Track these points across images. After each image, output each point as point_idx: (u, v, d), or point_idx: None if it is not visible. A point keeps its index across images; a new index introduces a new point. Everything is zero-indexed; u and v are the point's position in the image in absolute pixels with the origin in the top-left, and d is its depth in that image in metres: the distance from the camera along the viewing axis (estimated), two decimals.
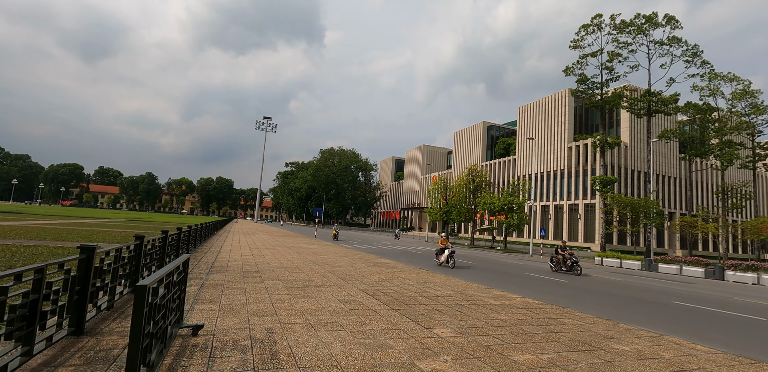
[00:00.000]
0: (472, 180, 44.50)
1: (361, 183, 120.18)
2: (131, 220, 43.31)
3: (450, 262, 16.35)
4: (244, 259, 12.50)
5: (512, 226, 36.81)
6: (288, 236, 31.86)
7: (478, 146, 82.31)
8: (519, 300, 8.41)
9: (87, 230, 20.79)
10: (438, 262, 17.13)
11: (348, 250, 20.28)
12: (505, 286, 11.29)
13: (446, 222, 49.75)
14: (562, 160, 61.40)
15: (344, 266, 12.54)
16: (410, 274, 11.80)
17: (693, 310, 9.79)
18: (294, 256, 14.64)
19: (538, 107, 67.20)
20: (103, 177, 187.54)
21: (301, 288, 7.80)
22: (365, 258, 16.46)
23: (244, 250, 15.68)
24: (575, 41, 39.09)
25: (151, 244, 7.26)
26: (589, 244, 54.64)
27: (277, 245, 20.30)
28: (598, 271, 22.15)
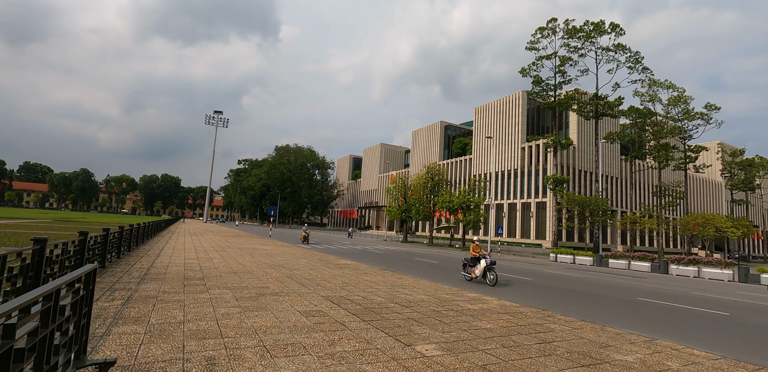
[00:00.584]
0: (431, 178, 44.51)
1: (317, 181, 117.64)
2: (59, 220, 38.84)
3: (489, 278, 11.64)
4: (187, 263, 11.01)
5: (470, 223, 37.11)
6: (240, 237, 29.87)
7: (436, 145, 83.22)
8: (496, 303, 7.82)
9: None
10: (469, 276, 12.42)
11: (306, 251, 19.06)
12: (476, 288, 10.75)
13: (405, 221, 49.48)
14: (516, 159, 63.39)
15: (303, 269, 11.42)
16: (375, 276, 10.94)
17: (660, 307, 9.76)
18: (246, 259, 13.26)
19: (494, 108, 68.97)
20: (30, 173, 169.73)
21: (253, 297, 6.66)
22: (325, 259, 15.39)
23: (189, 253, 14.03)
24: (531, 43, 40.20)
25: (62, 249, 5.80)
26: (540, 241, 56.81)
27: (228, 247, 18.63)
28: (553, 267, 22.57)
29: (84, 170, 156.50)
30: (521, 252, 35.98)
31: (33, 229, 21.52)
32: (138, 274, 8.45)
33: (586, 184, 60.54)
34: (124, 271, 8.76)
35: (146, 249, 14.60)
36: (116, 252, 10.75)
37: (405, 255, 23.71)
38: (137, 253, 12.97)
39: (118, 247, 10.82)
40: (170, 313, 5.18)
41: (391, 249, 29.21)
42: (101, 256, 8.73)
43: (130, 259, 11.10)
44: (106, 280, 7.36)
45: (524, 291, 11.12)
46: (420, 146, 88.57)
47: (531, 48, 40.70)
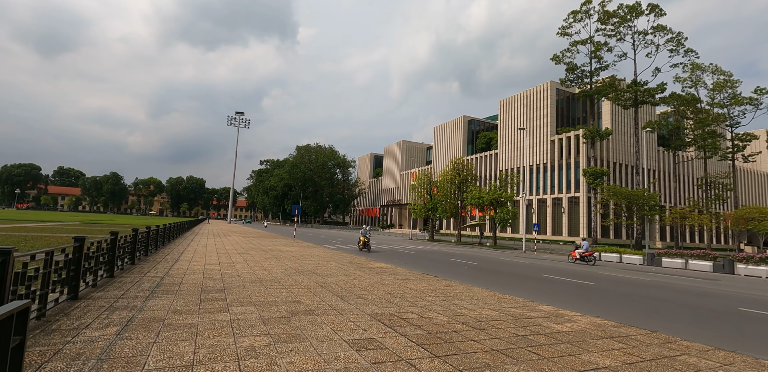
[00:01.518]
0: (458, 174, 42.63)
1: (339, 180, 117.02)
2: (86, 223, 39.07)
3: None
4: (207, 269, 9.80)
5: (503, 221, 35.14)
6: (264, 237, 28.94)
7: (459, 141, 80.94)
8: (584, 321, 6.19)
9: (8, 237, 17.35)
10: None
11: (333, 253, 17.76)
12: (542, 297, 9.12)
13: (431, 219, 47.77)
14: (545, 153, 60.64)
15: (336, 275, 10.04)
16: (420, 283, 9.44)
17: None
18: (272, 264, 12.00)
19: (520, 100, 66.23)
20: (64, 178, 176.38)
21: (285, 318, 5.28)
22: (356, 262, 14.00)
23: (210, 257, 12.90)
24: (563, 28, 37.72)
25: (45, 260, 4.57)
26: (573, 238, 54.06)
27: (251, 249, 17.52)
28: (603, 267, 20.50)
29: (114, 174, 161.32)
30: (558, 250, 33.77)
31: (48, 232, 21.05)
32: (149, 285, 7.24)
33: (623, 177, 57.33)
34: (135, 280, 7.57)
35: (165, 253, 13.57)
36: (129, 257, 9.65)
37: (438, 255, 22.12)
38: (155, 257, 11.90)
39: (132, 252, 9.72)
40: (177, 348, 3.83)
41: (420, 248, 27.66)
42: (108, 264, 7.56)
43: (145, 265, 9.98)
44: (109, 295, 6.14)
45: (599, 300, 9.39)
46: (442, 142, 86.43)
47: (563, 33, 38.22)
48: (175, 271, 9.21)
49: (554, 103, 61.06)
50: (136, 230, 9.83)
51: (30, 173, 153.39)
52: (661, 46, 37.11)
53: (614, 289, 11.53)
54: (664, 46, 37.63)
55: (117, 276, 7.94)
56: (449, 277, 11.73)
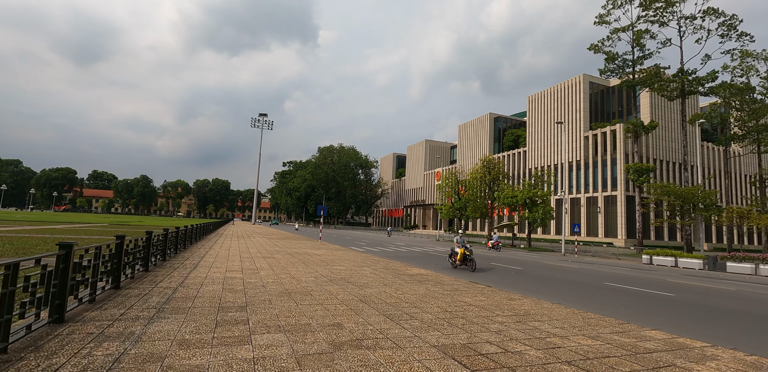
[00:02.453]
0: (488, 172, 40.64)
1: (361, 181, 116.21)
2: (114, 224, 39.27)
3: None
4: (228, 278, 8.58)
5: (537, 221, 33.02)
6: (288, 239, 27.95)
7: (485, 139, 78.48)
8: (729, 358, 4.54)
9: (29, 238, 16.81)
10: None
11: (364, 256, 16.40)
12: (631, 314, 7.44)
13: (459, 219, 45.88)
14: (578, 150, 57.66)
15: (374, 285, 8.64)
16: (475, 295, 7.92)
17: None
18: (300, 270, 10.72)
19: (550, 95, 63.39)
20: (98, 181, 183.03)
21: (326, 356, 3.88)
22: (392, 267, 12.58)
23: (233, 262, 11.76)
24: (601, 16, 35.19)
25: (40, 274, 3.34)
26: (611, 239, 51.05)
27: (276, 252, 16.38)
28: (663, 273, 18.29)
29: (144, 177, 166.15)
30: (600, 252, 31.36)
31: (74, 234, 20.60)
32: (159, 299, 6.02)
33: (665, 174, 53.85)
34: (143, 293, 6.38)
35: (185, 256, 12.53)
36: (143, 263, 8.55)
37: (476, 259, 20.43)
38: (172, 262, 10.83)
39: (145, 258, 8.62)
40: None
41: None
42: (112, 274, 6.40)
43: (159, 272, 8.86)
44: (105, 315, 4.93)
45: (706, 320, 7.61)
46: (467, 140, 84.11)
47: (601, 21, 35.66)
48: (191, 280, 8.02)
49: (587, 97, 57.99)
50: (150, 233, 8.72)
51: (66, 177, 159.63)
52: (712, 31, 34.08)
53: (706, 304, 9.63)
54: (715, 31, 34.56)
55: (124, 287, 6.79)
56: (502, 286, 10.15)
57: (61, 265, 4.39)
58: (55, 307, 4.36)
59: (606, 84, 60.11)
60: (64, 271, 4.41)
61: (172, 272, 8.85)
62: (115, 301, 5.69)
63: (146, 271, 8.68)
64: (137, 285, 7.05)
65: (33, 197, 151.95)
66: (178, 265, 10.34)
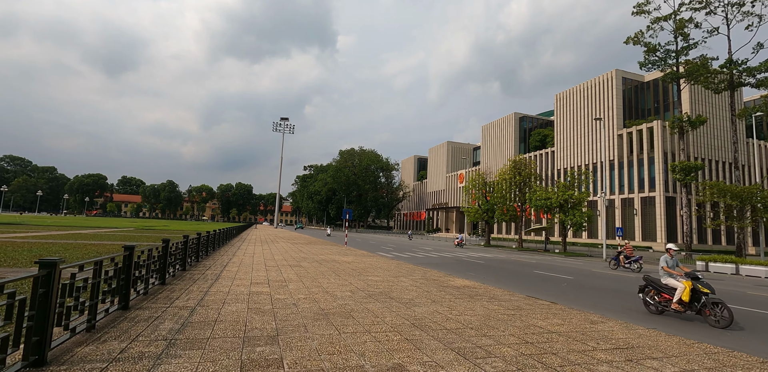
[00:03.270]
0: (518, 173, 38.76)
1: (382, 184, 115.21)
2: (140, 229, 39.40)
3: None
4: (254, 293, 7.49)
5: (576, 224, 31.01)
6: (312, 244, 26.99)
7: (510, 139, 76.18)
8: None
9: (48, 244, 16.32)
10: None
11: (396, 264, 15.14)
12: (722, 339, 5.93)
13: (486, 222, 44.08)
14: (611, 149, 54.89)
15: (422, 302, 7.37)
16: (547, 317, 6.54)
17: None
18: (332, 282, 9.56)
19: (580, 93, 60.80)
20: (126, 186, 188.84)
21: None
22: (431, 277, 11.27)
23: (258, 272, 10.72)
24: (639, 5, 32.97)
25: None
26: (649, 243, 48.13)
27: (303, 259, 15.33)
28: (731, 282, 16.25)
29: (170, 182, 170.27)
30: (647, 258, 29.05)
31: (95, 240, 20.16)
32: (172, 324, 4.94)
33: (712, 173, 50.61)
34: (154, 316, 5.32)
35: (207, 265, 11.58)
36: (159, 276, 7.56)
37: (514, 265, 18.86)
38: (192, 273, 9.86)
39: (162, 269, 7.64)
40: None
41: (486, 256, 24.41)
42: (119, 292, 5.36)
43: (177, 285, 7.85)
44: (100, 352, 3.84)
45: None
46: (491, 141, 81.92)
47: (639, 11, 33.43)
48: (212, 296, 6.96)
49: (620, 93, 55.23)
50: (167, 242, 7.74)
51: (97, 183, 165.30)
52: (764, 17, 31.41)
53: None
54: None
55: (134, 307, 5.76)
56: (567, 302, 8.71)
57: (40, 290, 3.33)
58: (32, 346, 3.30)
59: (640, 79, 57.16)
60: (44, 298, 3.34)
61: (191, 285, 7.82)
62: (119, 329, 4.63)
63: (163, 285, 7.69)
64: (149, 304, 6.01)
65: (67, 203, 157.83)
66: (198, 275, 9.35)
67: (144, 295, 6.55)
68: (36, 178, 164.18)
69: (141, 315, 5.32)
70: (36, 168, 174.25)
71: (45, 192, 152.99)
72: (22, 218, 56.70)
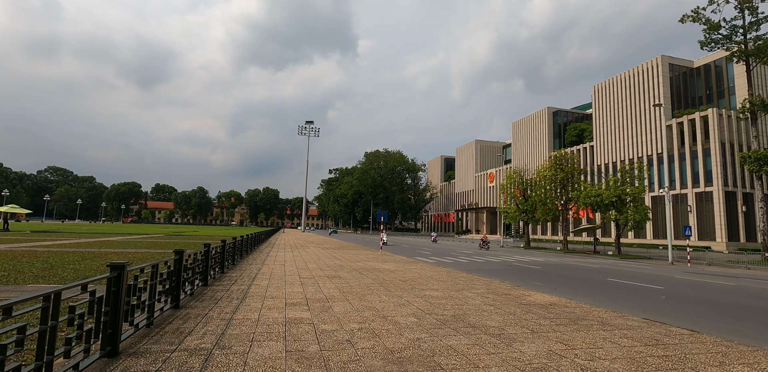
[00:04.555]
0: (560, 169, 35.84)
1: (409, 185, 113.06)
2: (170, 234, 38.95)
3: None
4: (291, 320, 5.67)
5: (634, 222, 27.98)
6: (344, 248, 25.27)
7: (543, 135, 72.55)
8: None
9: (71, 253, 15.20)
10: None
11: (446, 272, 13.09)
12: None
13: (526, 222, 41.24)
14: (658, 141, 50.77)
15: (522, 336, 5.32)
16: (711, 357, 4.39)
17: None
18: (384, 299, 7.65)
19: (619, 83, 56.86)
20: (159, 193, 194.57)
21: None
22: (501, 290, 9.17)
23: (292, 286, 8.95)
24: None
25: None
26: (708, 243, 43.82)
27: (340, 267, 13.52)
28: None
29: (200, 188, 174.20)
30: (717, 260, 25.72)
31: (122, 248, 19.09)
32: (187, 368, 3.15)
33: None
34: (157, 358, 3.55)
35: (233, 278, 9.93)
36: (171, 298, 5.86)
37: (576, 271, 16.41)
38: (214, 290, 8.18)
39: (175, 286, 5.94)
40: None
41: (536, 260, 21.94)
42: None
43: (192, 311, 6.13)
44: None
45: None
46: (523, 138, 78.40)
47: None
48: (236, 328, 5.17)
49: (667, 81, 51.06)
50: (181, 253, 6.03)
51: (132, 190, 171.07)
52: None
53: None
54: None
55: (126, 349, 4.02)
56: (710, 330, 6.45)
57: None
58: None
59: (689, 65, 52.78)
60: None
61: (209, 311, 6.07)
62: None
63: (176, 309, 5.98)
64: (149, 345, 4.26)
65: (104, 210, 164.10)
66: (221, 293, 7.65)
67: (151, 326, 4.83)
68: (76, 188, 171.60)
69: (135, 365, 3.56)
70: (76, 178, 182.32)
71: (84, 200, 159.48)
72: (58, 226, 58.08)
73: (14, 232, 32.62)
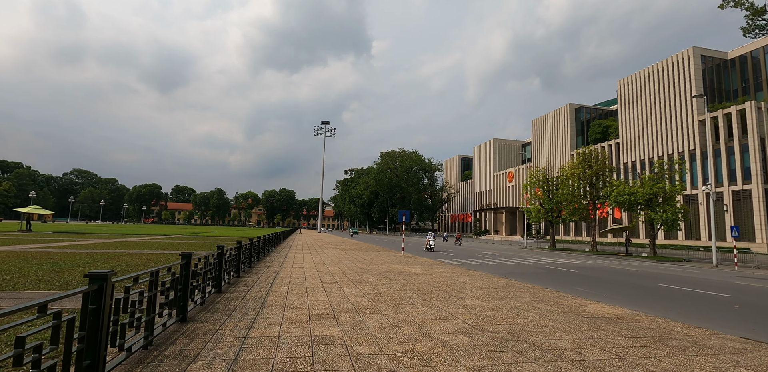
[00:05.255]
0: (588, 167, 34.12)
1: (425, 185, 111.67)
2: (187, 235, 38.77)
3: None
4: (317, 339, 4.70)
5: (670, 222, 26.23)
6: (364, 250, 24.33)
7: (565, 132, 70.27)
8: None
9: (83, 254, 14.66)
10: None
11: (481, 277, 11.97)
12: None
13: (551, 223, 39.58)
14: (690, 137, 48.28)
15: (610, 363, 4.23)
16: None
17: None
18: (423, 311, 6.62)
19: (647, 77, 54.45)
20: (179, 195, 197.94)
21: None
22: (550, 299, 8.03)
23: (315, 293, 8.01)
24: None
25: None
26: (746, 244, 41.23)
27: (363, 270, 12.55)
28: None
29: (218, 189, 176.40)
30: (763, 262, 23.80)
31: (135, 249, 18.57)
32: None
33: None
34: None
35: (249, 283, 9.06)
36: (179, 307, 4.97)
37: (619, 275, 15.03)
38: (228, 299, 7.30)
39: (182, 297, 5.04)
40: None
41: (570, 263, 20.54)
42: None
43: (202, 325, 5.22)
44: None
45: None
46: (544, 136, 76.20)
47: None
48: (252, 350, 4.21)
49: (699, 73, 48.51)
50: (188, 257, 5.13)
51: (153, 192, 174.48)
52: None
53: None
54: None
55: None
56: None
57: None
58: None
59: (722, 56, 50.06)
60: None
61: (220, 326, 5.15)
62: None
63: (183, 322, 5.08)
64: None
65: (126, 211, 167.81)
66: (235, 302, 6.75)
67: (146, 349, 3.93)
68: (100, 189, 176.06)
69: None
70: (100, 180, 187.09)
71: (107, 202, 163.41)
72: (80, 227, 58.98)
73: (36, 233, 32.86)
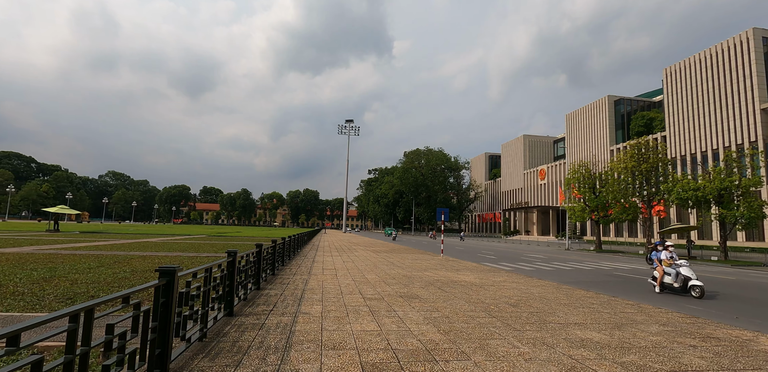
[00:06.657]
0: (642, 160, 30.75)
1: (452, 184, 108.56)
2: (211, 235, 37.75)
3: None
4: None
5: (747, 221, 22.83)
6: (397, 252, 22.19)
7: (603, 126, 65.98)
8: None
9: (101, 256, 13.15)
10: None
11: (557, 288, 9.58)
12: None
13: (597, 222, 36.28)
14: (752, 127, 43.69)
15: None
16: None
17: None
18: (521, 349, 4.38)
19: (697, 64, 49.94)
20: (207, 196, 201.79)
21: None
22: (683, 326, 5.62)
23: (358, 317, 5.91)
24: None
25: None
26: None
27: (408, 279, 10.39)
28: None
29: (244, 190, 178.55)
30: None
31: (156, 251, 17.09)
32: None
33: None
34: None
35: (271, 299, 7.06)
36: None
37: (714, 285, 12.24)
38: (242, 324, 5.29)
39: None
40: None
41: (637, 268, 17.71)
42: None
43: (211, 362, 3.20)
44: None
45: None
46: (580, 131, 71.97)
47: None
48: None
49: (761, 57, 43.86)
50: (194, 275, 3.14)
51: (182, 193, 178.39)
52: None
53: None
54: None
55: None
56: None
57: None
58: None
59: None
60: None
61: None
62: None
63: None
64: None
65: (157, 212, 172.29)
66: (249, 334, 4.72)
67: None
68: (132, 191, 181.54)
69: None
70: (132, 182, 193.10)
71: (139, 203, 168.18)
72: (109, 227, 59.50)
73: (63, 233, 32.49)
